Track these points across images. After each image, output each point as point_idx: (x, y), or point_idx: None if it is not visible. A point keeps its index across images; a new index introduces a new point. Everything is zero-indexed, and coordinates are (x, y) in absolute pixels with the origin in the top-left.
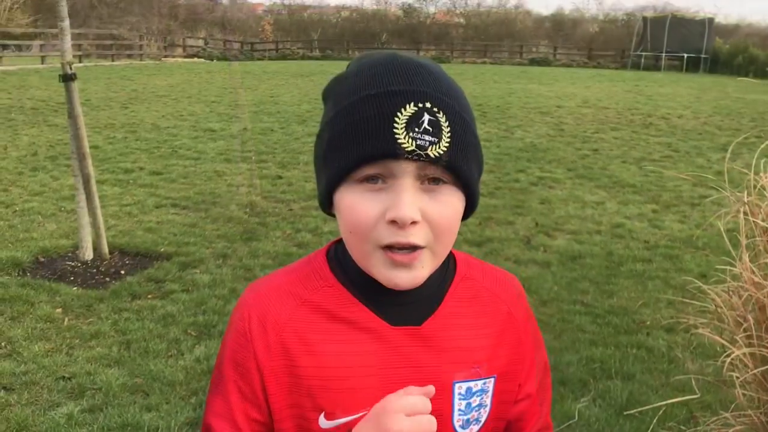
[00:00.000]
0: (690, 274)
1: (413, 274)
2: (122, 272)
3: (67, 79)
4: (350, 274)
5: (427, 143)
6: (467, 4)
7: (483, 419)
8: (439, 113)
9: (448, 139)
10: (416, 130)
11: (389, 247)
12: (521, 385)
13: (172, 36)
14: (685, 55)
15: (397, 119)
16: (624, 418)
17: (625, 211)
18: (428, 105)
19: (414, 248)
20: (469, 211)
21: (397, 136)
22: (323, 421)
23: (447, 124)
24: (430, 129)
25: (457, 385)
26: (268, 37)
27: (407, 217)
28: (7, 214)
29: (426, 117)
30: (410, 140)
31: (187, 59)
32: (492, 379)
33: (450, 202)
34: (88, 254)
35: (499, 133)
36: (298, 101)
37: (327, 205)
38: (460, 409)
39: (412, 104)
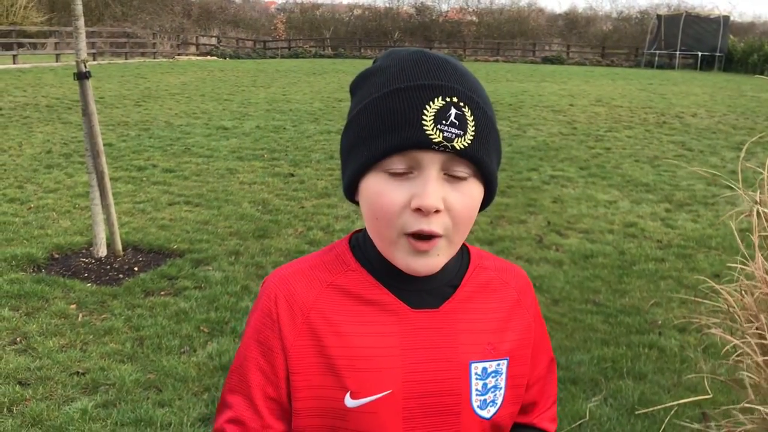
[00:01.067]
0: (703, 273)
1: (431, 261)
2: (135, 269)
3: (82, 77)
4: (372, 260)
5: (454, 135)
6: (480, 2)
7: (499, 402)
8: (465, 108)
9: (473, 132)
10: (444, 122)
11: (412, 235)
12: (531, 371)
13: (185, 34)
14: (700, 54)
15: (425, 112)
16: (635, 417)
17: (637, 210)
18: (455, 99)
19: (433, 236)
20: (487, 201)
21: (425, 127)
22: (349, 401)
23: (472, 118)
24: (457, 122)
25: (473, 365)
26: (281, 35)
27: (432, 205)
28: (22, 210)
29: (453, 111)
30: (438, 132)
31: (200, 57)
32: (505, 361)
33: (470, 193)
34: (102, 251)
35: (512, 132)
36: (310, 99)
37: (352, 193)
38: (477, 389)
39: (440, 98)
